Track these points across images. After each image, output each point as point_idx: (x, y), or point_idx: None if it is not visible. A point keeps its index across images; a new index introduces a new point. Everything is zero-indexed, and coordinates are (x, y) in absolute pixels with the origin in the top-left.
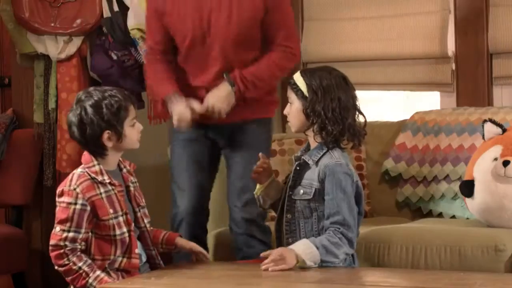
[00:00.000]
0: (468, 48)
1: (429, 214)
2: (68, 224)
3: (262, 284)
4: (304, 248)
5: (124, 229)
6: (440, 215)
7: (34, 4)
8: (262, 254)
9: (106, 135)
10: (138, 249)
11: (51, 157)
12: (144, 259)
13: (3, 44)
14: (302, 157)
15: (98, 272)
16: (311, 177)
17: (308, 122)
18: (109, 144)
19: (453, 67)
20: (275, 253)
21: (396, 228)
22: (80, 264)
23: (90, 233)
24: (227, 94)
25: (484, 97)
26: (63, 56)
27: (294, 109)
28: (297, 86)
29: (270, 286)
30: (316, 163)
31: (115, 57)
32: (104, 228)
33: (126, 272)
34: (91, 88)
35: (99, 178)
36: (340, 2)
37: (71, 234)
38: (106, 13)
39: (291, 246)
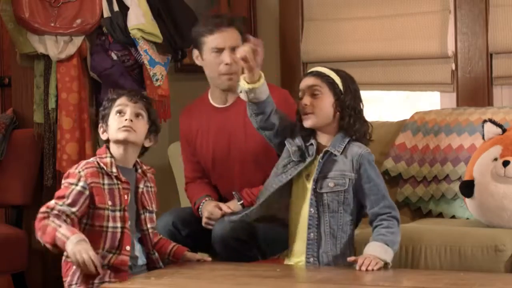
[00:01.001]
0: (468, 48)
1: (429, 214)
2: (63, 200)
3: (262, 284)
4: (380, 250)
5: (118, 224)
6: (440, 215)
7: (34, 4)
8: (349, 259)
9: (100, 128)
10: (137, 251)
11: (51, 157)
12: (141, 262)
13: (3, 44)
14: (327, 148)
15: (63, 225)
16: (341, 168)
17: (334, 117)
18: (103, 136)
19: (453, 67)
20: (363, 257)
21: None
22: (58, 222)
23: (83, 224)
24: (235, 206)
25: (484, 97)
26: (63, 56)
27: (324, 101)
28: (332, 79)
29: (270, 286)
30: (342, 153)
31: (115, 57)
32: (98, 218)
33: (115, 269)
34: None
35: (108, 169)
36: (340, 2)
37: (61, 207)
38: (106, 13)
39: (367, 253)
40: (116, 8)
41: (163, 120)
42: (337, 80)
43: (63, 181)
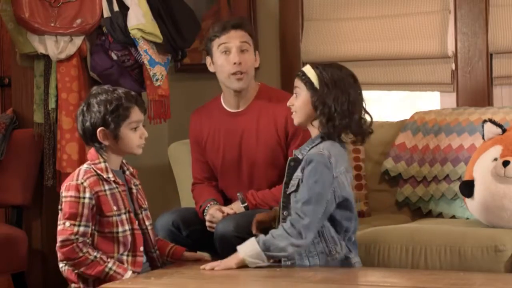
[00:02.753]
0: (468, 48)
1: (429, 214)
2: (78, 219)
3: (262, 284)
4: (247, 246)
5: (127, 227)
6: (440, 215)
7: (34, 4)
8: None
9: (101, 132)
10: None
11: (51, 157)
12: (144, 259)
13: (3, 44)
14: (294, 152)
15: (113, 260)
16: (298, 169)
17: (315, 114)
18: (105, 141)
19: (453, 67)
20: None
21: (396, 228)
22: (95, 253)
23: (94, 231)
24: (238, 208)
25: (484, 97)
26: (63, 56)
27: (301, 100)
28: (308, 77)
29: (270, 286)
30: (305, 155)
31: (115, 57)
32: (107, 225)
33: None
34: (107, 86)
35: (104, 175)
36: (340, 2)
37: (82, 228)
38: (106, 13)
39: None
40: (116, 8)
41: (163, 120)
42: (314, 78)
43: (64, 194)
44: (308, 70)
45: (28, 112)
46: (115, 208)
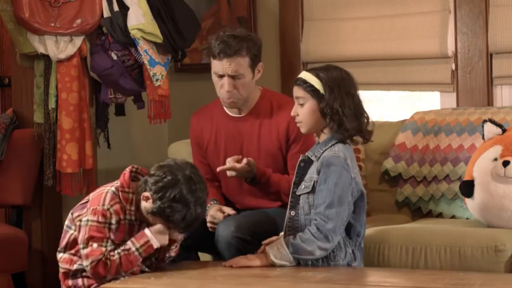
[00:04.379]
0: (468, 48)
1: (429, 214)
2: (105, 241)
3: (262, 284)
4: (277, 248)
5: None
6: (440, 215)
7: (34, 4)
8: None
9: (149, 198)
10: None
11: (51, 157)
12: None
13: (3, 44)
14: (306, 153)
15: (128, 244)
16: (312, 171)
17: (324, 120)
18: (143, 201)
19: (453, 67)
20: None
21: (396, 228)
22: (116, 251)
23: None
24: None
25: (484, 97)
26: (63, 56)
27: (307, 109)
28: (311, 85)
29: (270, 286)
30: (319, 158)
31: (115, 57)
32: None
33: None
34: (199, 185)
35: (127, 207)
36: (340, 2)
37: (109, 248)
38: (106, 13)
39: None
40: (116, 8)
41: (163, 120)
42: (317, 85)
43: (90, 218)
44: (309, 77)
45: (28, 112)
46: (127, 238)
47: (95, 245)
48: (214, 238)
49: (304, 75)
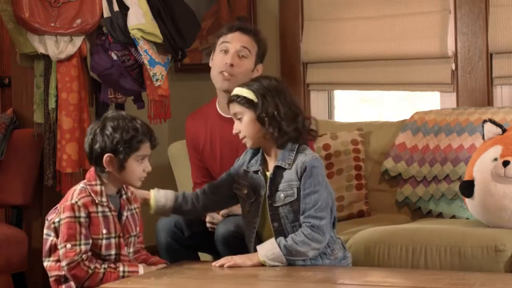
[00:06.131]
0: (468, 48)
1: (429, 214)
2: (78, 238)
3: (262, 284)
4: (268, 249)
5: (112, 252)
6: (440, 215)
7: (34, 4)
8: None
9: (108, 158)
10: None
11: (51, 157)
12: None
13: (3, 44)
14: (276, 164)
15: (119, 263)
16: (289, 178)
17: (264, 128)
18: (109, 167)
19: (453, 67)
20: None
21: (396, 228)
22: (103, 265)
23: None
24: (237, 210)
25: (484, 97)
26: (63, 56)
27: (246, 121)
28: (244, 97)
29: (270, 286)
30: (292, 164)
31: (115, 57)
32: (93, 245)
33: None
34: (124, 112)
35: (98, 198)
36: (340, 2)
37: (83, 247)
38: (106, 13)
39: (260, 247)
40: (116, 8)
41: (163, 120)
42: (250, 95)
43: (61, 216)
44: (241, 91)
45: (28, 112)
46: (104, 231)
47: (68, 245)
48: (214, 238)
49: (236, 90)
